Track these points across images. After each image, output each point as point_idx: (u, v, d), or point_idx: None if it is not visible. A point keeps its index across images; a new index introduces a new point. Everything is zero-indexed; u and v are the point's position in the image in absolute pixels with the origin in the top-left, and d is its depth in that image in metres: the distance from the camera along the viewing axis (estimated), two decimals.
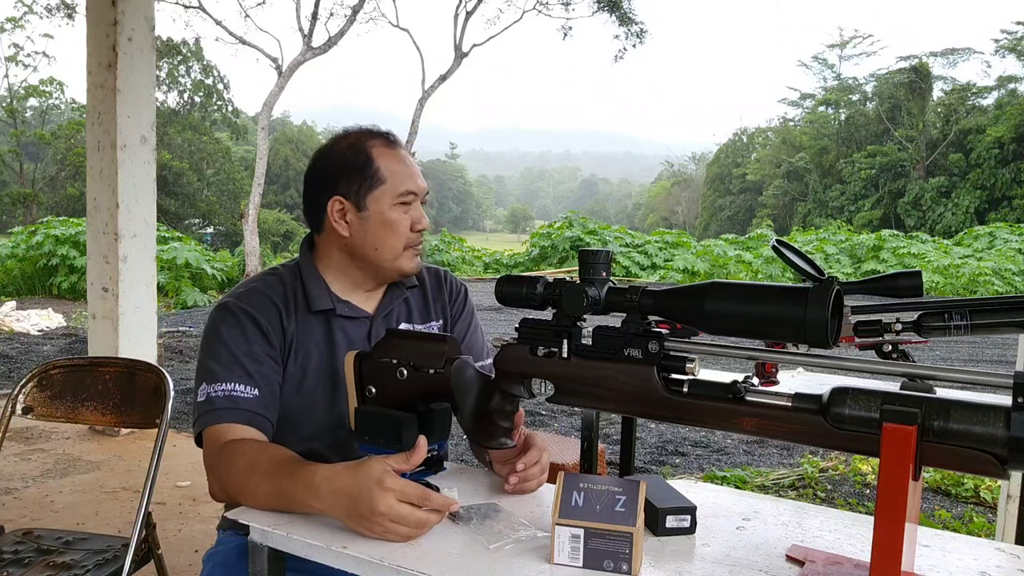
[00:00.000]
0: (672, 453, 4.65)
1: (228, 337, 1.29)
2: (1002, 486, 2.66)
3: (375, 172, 1.33)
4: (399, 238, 1.34)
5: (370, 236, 1.34)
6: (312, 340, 1.35)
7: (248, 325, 1.30)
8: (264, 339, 1.30)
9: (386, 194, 1.33)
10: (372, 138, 1.36)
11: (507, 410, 1.12)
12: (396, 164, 1.34)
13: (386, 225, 1.33)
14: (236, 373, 1.26)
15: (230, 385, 1.26)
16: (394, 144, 1.37)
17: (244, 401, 1.25)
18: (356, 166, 1.34)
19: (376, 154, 1.34)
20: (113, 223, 4.24)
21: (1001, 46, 36.31)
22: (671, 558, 1.00)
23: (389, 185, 1.33)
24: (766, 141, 48.11)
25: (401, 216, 1.34)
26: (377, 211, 1.33)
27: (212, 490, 1.23)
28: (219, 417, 1.24)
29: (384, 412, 1.14)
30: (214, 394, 1.25)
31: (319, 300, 1.35)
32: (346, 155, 1.35)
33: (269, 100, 17.26)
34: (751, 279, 15.98)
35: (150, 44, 4.36)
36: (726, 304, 0.89)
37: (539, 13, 19.60)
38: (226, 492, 1.19)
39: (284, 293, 1.36)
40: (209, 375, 1.27)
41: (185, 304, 13.26)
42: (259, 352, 1.29)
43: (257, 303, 1.32)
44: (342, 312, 1.36)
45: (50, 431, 4.38)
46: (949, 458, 0.80)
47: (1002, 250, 18.35)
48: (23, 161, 30.55)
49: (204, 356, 1.30)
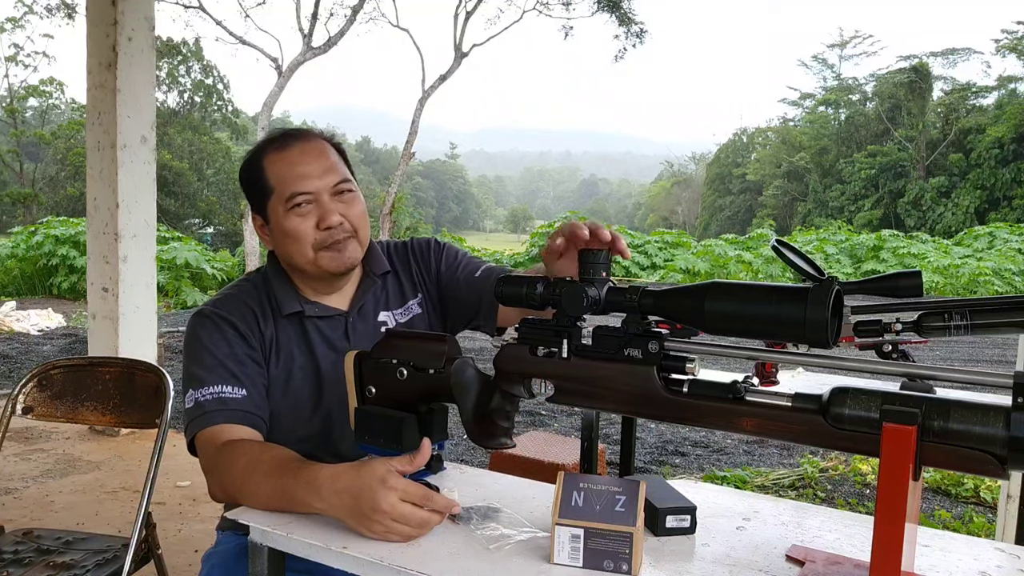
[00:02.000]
0: (672, 453, 4.65)
1: (209, 342, 1.29)
2: (1002, 486, 2.66)
3: (265, 184, 1.31)
4: (303, 243, 1.30)
5: (280, 246, 1.34)
6: (292, 342, 1.35)
7: (227, 329, 1.30)
8: (244, 342, 1.31)
9: (277, 204, 1.30)
10: (267, 147, 1.34)
11: (507, 410, 1.12)
12: (284, 168, 1.30)
13: (285, 234, 1.31)
14: (222, 375, 1.26)
15: (217, 388, 1.25)
16: (287, 145, 1.32)
17: (234, 401, 1.25)
18: (251, 181, 1.34)
19: (267, 163, 1.32)
20: (113, 223, 4.24)
21: (1001, 46, 36.31)
22: (671, 558, 1.00)
23: (277, 193, 1.30)
24: (766, 141, 48.11)
25: (297, 222, 1.29)
26: (275, 222, 1.32)
27: (212, 491, 1.23)
28: (211, 419, 1.23)
29: (384, 412, 1.14)
30: (202, 398, 1.25)
31: (287, 304, 1.35)
32: (246, 171, 1.35)
33: (269, 100, 17.25)
34: (751, 279, 15.97)
35: (150, 44, 4.36)
36: (726, 304, 0.89)
37: (539, 13, 19.60)
38: (226, 493, 1.19)
39: (258, 298, 1.36)
40: (195, 381, 1.27)
41: (185, 304, 13.26)
42: (241, 354, 1.30)
43: (233, 308, 1.33)
44: (312, 313, 1.36)
45: (50, 431, 4.38)
46: (949, 458, 0.80)
47: (1002, 250, 18.35)
48: (23, 161, 30.56)
49: (188, 363, 1.30)
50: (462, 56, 18.89)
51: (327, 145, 1.35)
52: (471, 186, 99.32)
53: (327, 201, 1.30)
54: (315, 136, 1.36)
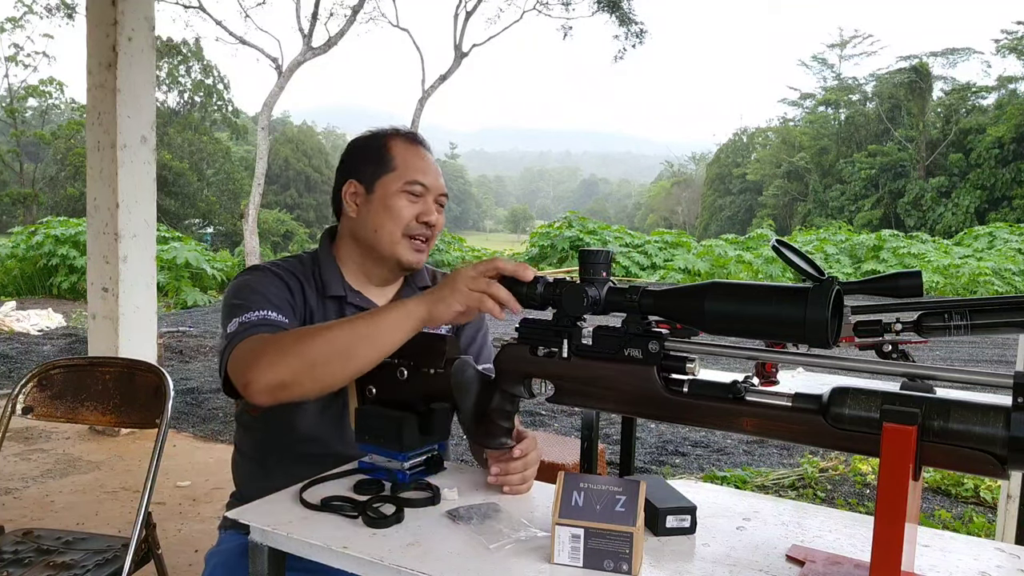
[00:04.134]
0: (672, 453, 4.65)
1: (257, 284, 1.31)
2: (1002, 486, 2.66)
3: (389, 159, 1.39)
4: (398, 223, 1.36)
5: (372, 216, 1.38)
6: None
7: (275, 279, 1.34)
8: (289, 292, 1.34)
9: (394, 180, 1.37)
10: (395, 134, 1.43)
11: (507, 410, 1.12)
12: (411, 156, 1.39)
13: (387, 208, 1.36)
14: (270, 304, 1.27)
15: (263, 312, 1.24)
16: (416, 142, 1.42)
17: (280, 323, 1.24)
18: (371, 152, 1.40)
19: (393, 144, 1.40)
20: (113, 223, 4.24)
21: (1001, 46, 36.31)
22: (671, 558, 1.00)
23: (399, 172, 1.38)
24: (766, 141, 48.12)
25: (405, 203, 1.36)
26: (383, 194, 1.37)
27: (258, 375, 1.10)
28: (257, 330, 1.19)
29: (384, 412, 1.14)
30: (247, 319, 1.22)
31: (332, 286, 1.39)
32: (366, 143, 1.43)
33: (269, 100, 17.25)
34: (751, 279, 15.98)
35: (150, 44, 4.36)
36: (726, 304, 0.89)
37: (539, 13, 19.62)
38: (285, 360, 1.10)
39: (305, 273, 1.40)
40: (239, 309, 1.24)
41: (185, 304, 13.26)
42: (286, 299, 1.32)
43: (282, 269, 1.37)
44: (353, 301, 1.39)
45: (50, 431, 4.37)
46: (949, 458, 0.80)
47: (1002, 250, 18.36)
48: (23, 161, 30.55)
49: (231, 301, 1.28)
50: (462, 56, 18.90)
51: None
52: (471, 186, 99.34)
53: (432, 202, 1.39)
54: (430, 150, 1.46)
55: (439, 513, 1.10)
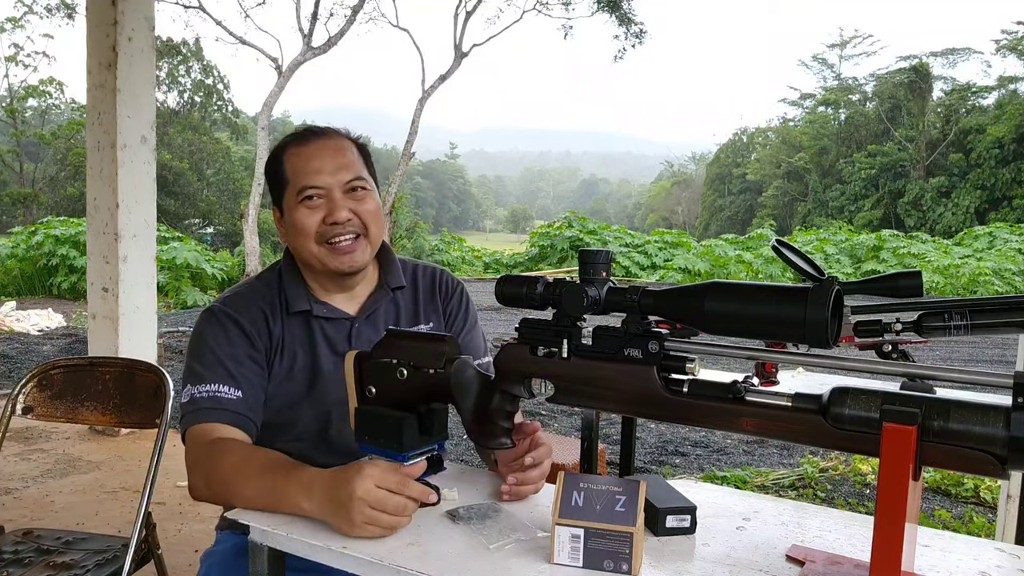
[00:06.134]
0: (672, 453, 4.65)
1: (212, 340, 1.31)
2: (1002, 486, 2.66)
3: (283, 174, 1.36)
4: (307, 236, 1.32)
5: (290, 237, 1.37)
6: (296, 341, 1.37)
7: (231, 328, 1.32)
8: (248, 342, 1.32)
9: (290, 194, 1.34)
10: (290, 141, 1.37)
11: (507, 410, 1.12)
12: (300, 161, 1.33)
13: (293, 225, 1.34)
14: (219, 375, 1.28)
15: (214, 386, 1.27)
16: (306, 141, 1.35)
17: (228, 402, 1.27)
18: (272, 172, 1.38)
19: (286, 156, 1.35)
20: (113, 223, 4.24)
21: (1001, 46, 36.32)
22: (671, 558, 1.00)
23: (291, 184, 1.34)
24: (766, 141, 48.11)
25: (305, 214, 1.32)
26: (288, 212, 1.35)
27: (194, 486, 1.24)
28: (204, 416, 1.25)
29: (384, 412, 1.14)
30: (198, 395, 1.27)
31: (296, 302, 1.37)
32: (268, 164, 1.40)
33: (269, 100, 17.25)
34: (751, 279, 15.97)
35: (150, 44, 4.36)
36: (726, 304, 0.89)
37: (539, 13, 19.62)
38: (211, 488, 1.20)
39: (269, 296, 1.38)
40: (193, 376, 1.29)
41: (185, 304, 13.26)
42: (242, 355, 1.31)
43: (242, 307, 1.35)
44: (319, 313, 1.38)
45: (50, 431, 4.37)
46: (949, 458, 0.80)
47: (1002, 250, 18.36)
48: (23, 161, 30.54)
49: (189, 359, 1.33)
50: (462, 56, 18.89)
51: (347, 143, 1.37)
52: (471, 186, 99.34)
53: (338, 198, 1.32)
54: (336, 134, 1.38)
55: (439, 513, 1.10)
